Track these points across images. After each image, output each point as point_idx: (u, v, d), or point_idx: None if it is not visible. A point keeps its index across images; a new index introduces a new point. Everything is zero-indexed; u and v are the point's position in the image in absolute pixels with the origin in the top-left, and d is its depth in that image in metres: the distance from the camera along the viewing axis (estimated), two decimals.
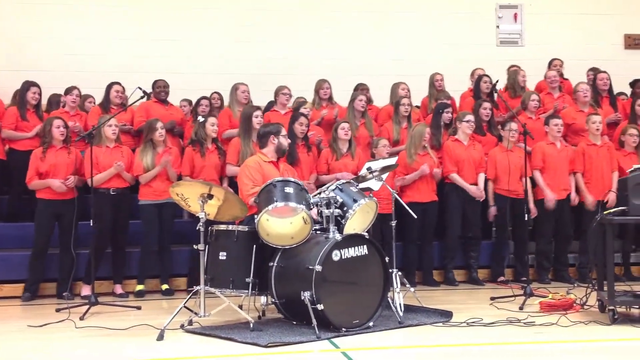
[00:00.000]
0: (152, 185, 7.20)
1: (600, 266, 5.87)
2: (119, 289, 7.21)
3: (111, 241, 7.15)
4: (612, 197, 7.33)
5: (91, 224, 6.20)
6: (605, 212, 5.59)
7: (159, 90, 8.14)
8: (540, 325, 5.47)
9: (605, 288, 5.55)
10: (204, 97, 8.60)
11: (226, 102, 8.67)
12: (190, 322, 5.48)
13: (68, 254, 6.74)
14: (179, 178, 7.20)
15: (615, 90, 9.10)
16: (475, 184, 7.71)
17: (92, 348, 5.00)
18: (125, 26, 10.36)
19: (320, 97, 8.51)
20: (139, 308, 6.34)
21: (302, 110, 7.75)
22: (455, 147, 7.71)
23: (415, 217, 6.65)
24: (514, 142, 7.68)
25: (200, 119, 7.38)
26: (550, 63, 9.55)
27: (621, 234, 7.86)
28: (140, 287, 7.21)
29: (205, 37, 10.49)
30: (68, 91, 8.27)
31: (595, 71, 9.02)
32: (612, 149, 7.81)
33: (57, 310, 6.18)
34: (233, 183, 7.13)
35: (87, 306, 6.04)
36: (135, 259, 7.35)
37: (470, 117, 7.76)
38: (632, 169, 5.93)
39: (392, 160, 6.60)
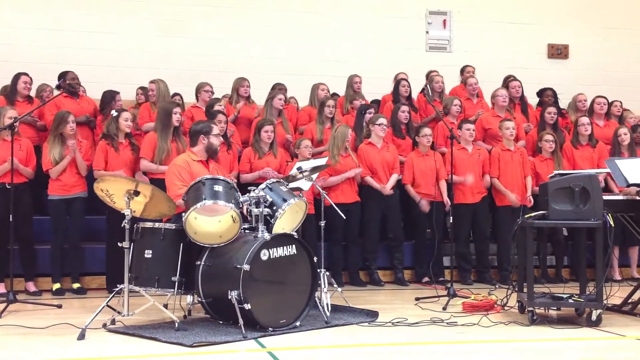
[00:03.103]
0: (61, 179, 6.98)
1: (521, 268, 6.05)
2: (31, 287, 6.99)
3: (16, 238, 6.82)
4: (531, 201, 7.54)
5: None
6: (526, 216, 5.76)
7: (73, 83, 7.84)
8: (462, 325, 5.58)
9: (525, 290, 5.72)
10: (116, 92, 8.23)
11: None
12: (113, 322, 5.36)
13: None
14: (90, 170, 7.03)
15: (537, 98, 9.39)
16: None
17: (10, 347, 4.83)
18: (43, 15, 9.89)
19: (239, 95, 8.39)
20: (59, 306, 6.17)
21: (216, 107, 7.59)
22: (369, 151, 7.78)
23: (344, 217, 6.69)
24: (429, 146, 7.82)
25: (114, 113, 7.10)
26: (463, 69, 9.74)
27: (538, 237, 8.11)
28: (57, 285, 7.01)
29: (129, 29, 10.18)
30: None
31: (507, 78, 9.22)
32: (525, 155, 8.04)
33: None
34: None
35: (4, 304, 5.84)
36: (45, 256, 7.12)
37: (383, 120, 7.80)
38: (553, 174, 6.14)
39: (323, 161, 6.64)
